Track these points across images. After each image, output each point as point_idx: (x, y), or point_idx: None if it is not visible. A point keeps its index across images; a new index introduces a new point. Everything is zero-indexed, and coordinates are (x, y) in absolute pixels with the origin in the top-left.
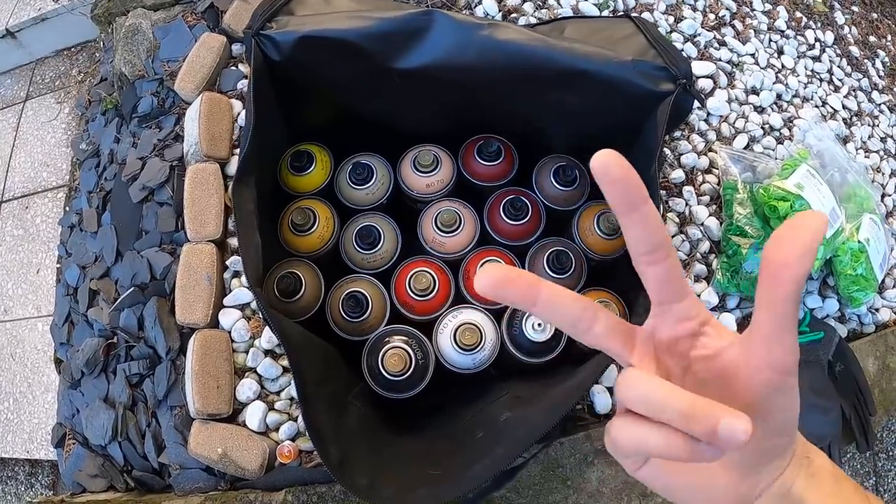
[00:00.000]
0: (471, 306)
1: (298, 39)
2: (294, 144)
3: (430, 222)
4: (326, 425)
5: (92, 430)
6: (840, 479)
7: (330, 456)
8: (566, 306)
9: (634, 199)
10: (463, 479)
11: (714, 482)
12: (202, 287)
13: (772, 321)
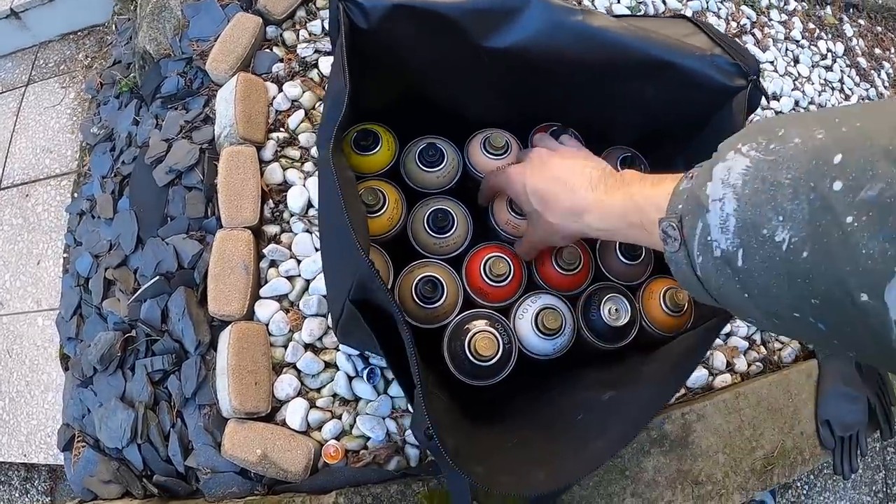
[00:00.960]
0: (546, 292)
1: (391, 8)
2: (356, 123)
3: (505, 205)
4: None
5: (107, 432)
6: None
7: (447, 444)
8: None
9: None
10: (581, 460)
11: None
12: (238, 276)
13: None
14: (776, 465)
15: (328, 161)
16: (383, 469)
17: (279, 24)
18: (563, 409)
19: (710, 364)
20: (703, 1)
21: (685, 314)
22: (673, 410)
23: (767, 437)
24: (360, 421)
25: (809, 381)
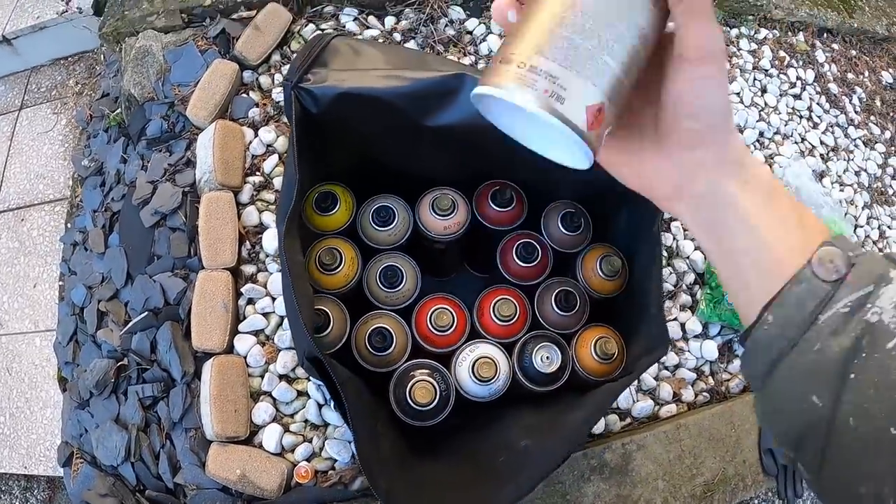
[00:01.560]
0: (485, 341)
1: (338, 95)
2: (317, 184)
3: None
4: (371, 455)
5: (103, 451)
6: (777, 192)
7: (379, 487)
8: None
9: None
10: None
11: (646, 165)
12: (218, 314)
13: (679, 15)
14: (716, 490)
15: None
16: (348, 489)
17: (255, 69)
18: (490, 451)
19: (656, 395)
20: None
21: (614, 361)
22: (613, 441)
23: (708, 466)
24: (328, 445)
25: (754, 411)
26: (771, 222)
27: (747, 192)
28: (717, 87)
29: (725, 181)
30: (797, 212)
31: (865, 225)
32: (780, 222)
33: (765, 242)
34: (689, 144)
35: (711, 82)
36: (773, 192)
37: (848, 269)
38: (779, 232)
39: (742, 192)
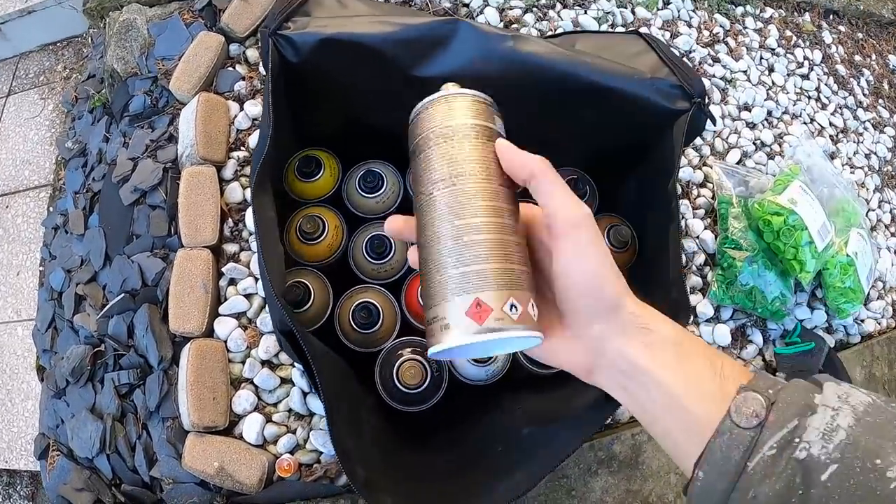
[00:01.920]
0: None
1: (319, 42)
2: (300, 149)
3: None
4: (350, 443)
5: (78, 442)
6: (685, 347)
7: (356, 475)
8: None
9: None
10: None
11: (559, 345)
12: (197, 294)
13: (535, 193)
14: None
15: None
16: (333, 484)
17: (242, 42)
18: (488, 440)
19: None
20: (675, 10)
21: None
22: (622, 431)
23: None
24: (313, 436)
25: None
26: (683, 380)
27: (653, 355)
28: (594, 254)
29: (630, 349)
30: (709, 360)
31: (877, 209)
32: (693, 378)
33: (681, 402)
34: (586, 321)
35: (586, 250)
36: (680, 348)
37: (767, 410)
38: (693, 388)
39: (648, 357)
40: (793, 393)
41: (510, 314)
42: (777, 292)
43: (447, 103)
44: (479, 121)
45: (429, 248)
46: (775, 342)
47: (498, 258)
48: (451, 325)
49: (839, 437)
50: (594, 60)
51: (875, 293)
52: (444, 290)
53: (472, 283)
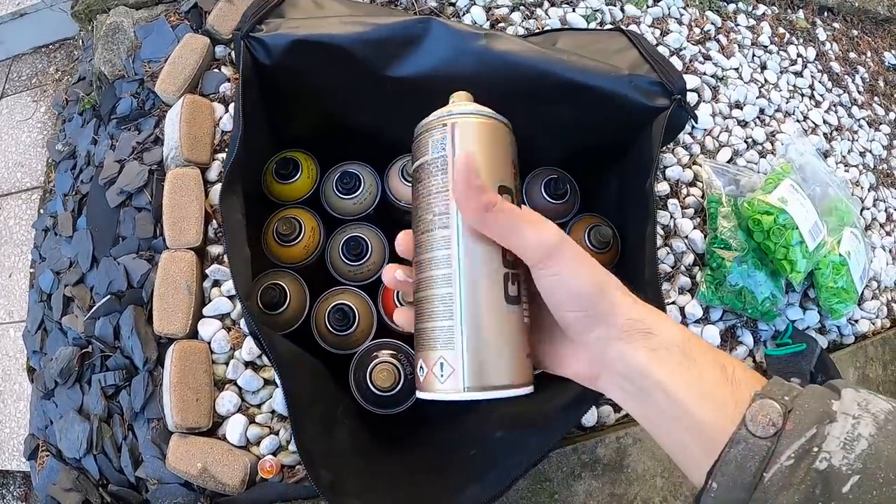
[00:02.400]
0: None
1: (291, 43)
2: (279, 151)
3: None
4: (317, 446)
5: (66, 443)
6: (693, 351)
7: (321, 478)
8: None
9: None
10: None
11: (562, 353)
12: (181, 296)
13: (498, 238)
14: None
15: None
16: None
17: (227, 44)
18: (461, 444)
19: None
20: (665, 7)
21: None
22: (606, 434)
23: None
24: None
25: None
26: (692, 387)
27: (658, 359)
28: (571, 275)
29: (633, 354)
30: (720, 364)
31: (872, 207)
32: (702, 384)
33: (691, 410)
34: (583, 330)
35: (563, 275)
36: (687, 351)
37: (784, 418)
38: (703, 395)
39: (653, 362)
40: (810, 400)
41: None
42: (767, 293)
43: (445, 128)
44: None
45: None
46: (766, 343)
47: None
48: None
49: (861, 447)
50: (570, 58)
51: (869, 293)
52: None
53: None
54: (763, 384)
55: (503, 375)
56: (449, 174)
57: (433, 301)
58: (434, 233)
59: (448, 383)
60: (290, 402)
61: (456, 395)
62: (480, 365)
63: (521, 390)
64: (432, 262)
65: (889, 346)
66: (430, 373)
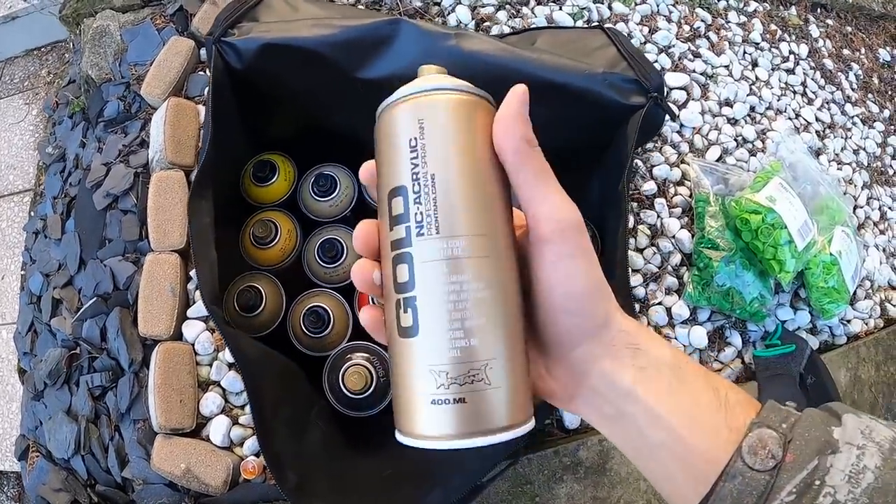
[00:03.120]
0: None
1: (261, 47)
2: (256, 154)
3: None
4: (285, 448)
5: (55, 443)
6: (684, 371)
7: (287, 480)
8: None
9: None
10: None
11: (538, 370)
12: (165, 298)
13: (521, 185)
14: None
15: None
16: None
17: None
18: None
19: None
20: (654, 4)
21: None
22: (589, 437)
23: None
24: None
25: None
26: (682, 411)
27: (646, 379)
28: (582, 267)
29: (620, 372)
30: (712, 387)
31: (865, 206)
32: (694, 408)
33: (680, 435)
34: (570, 340)
35: (575, 261)
36: (678, 372)
37: (784, 449)
38: (695, 420)
39: (640, 381)
40: (809, 427)
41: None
42: (756, 293)
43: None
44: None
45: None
46: (755, 344)
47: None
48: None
49: (867, 481)
50: (542, 56)
51: (862, 293)
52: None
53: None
54: (757, 409)
55: (412, 425)
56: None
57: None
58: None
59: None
60: (255, 404)
61: (397, 435)
62: (397, 409)
63: (426, 442)
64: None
65: (882, 346)
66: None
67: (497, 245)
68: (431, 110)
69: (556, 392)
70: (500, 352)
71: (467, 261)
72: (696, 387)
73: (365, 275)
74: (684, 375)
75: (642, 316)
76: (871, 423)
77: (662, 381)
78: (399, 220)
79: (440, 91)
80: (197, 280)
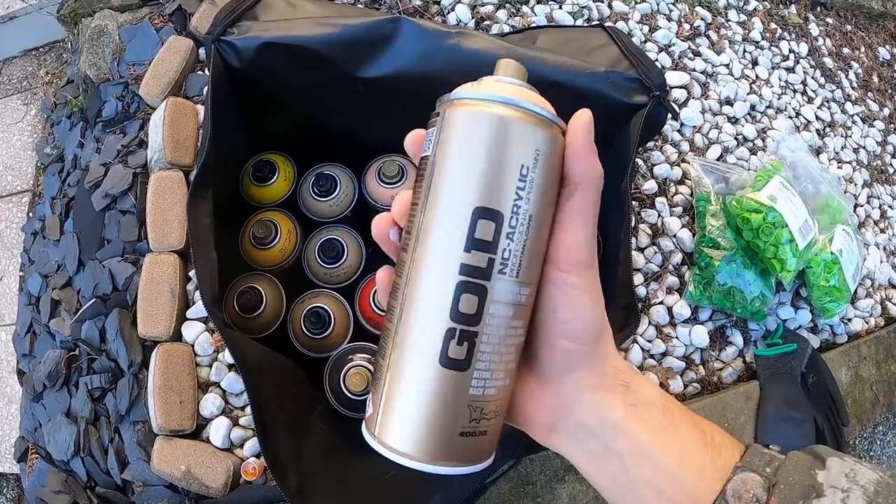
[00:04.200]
0: None
1: (260, 46)
2: (256, 154)
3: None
4: (285, 449)
5: (54, 445)
6: (672, 412)
7: (288, 482)
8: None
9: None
10: None
11: (522, 394)
12: (165, 299)
13: (566, 210)
14: None
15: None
16: None
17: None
18: None
19: None
20: (654, 3)
21: None
22: None
23: None
24: None
25: (749, 403)
26: (671, 448)
27: (637, 416)
28: (590, 299)
29: (610, 405)
30: (699, 428)
31: (866, 204)
32: (682, 447)
33: (668, 473)
34: (565, 366)
35: (584, 294)
36: (668, 412)
37: (769, 493)
38: (683, 459)
39: (631, 417)
40: (793, 472)
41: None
42: (757, 292)
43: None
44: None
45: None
46: (756, 343)
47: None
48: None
49: None
50: (544, 55)
51: (863, 291)
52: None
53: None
54: (741, 451)
55: (408, 444)
56: (429, 181)
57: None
58: (401, 254)
59: (369, 421)
60: (256, 406)
61: (367, 437)
62: (389, 420)
63: (429, 467)
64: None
65: (883, 344)
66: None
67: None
68: (548, 146)
69: (539, 420)
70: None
71: (524, 308)
72: (685, 427)
73: (383, 229)
74: (672, 416)
75: (644, 315)
76: (856, 466)
77: (653, 418)
78: (482, 246)
79: (554, 125)
80: (196, 281)
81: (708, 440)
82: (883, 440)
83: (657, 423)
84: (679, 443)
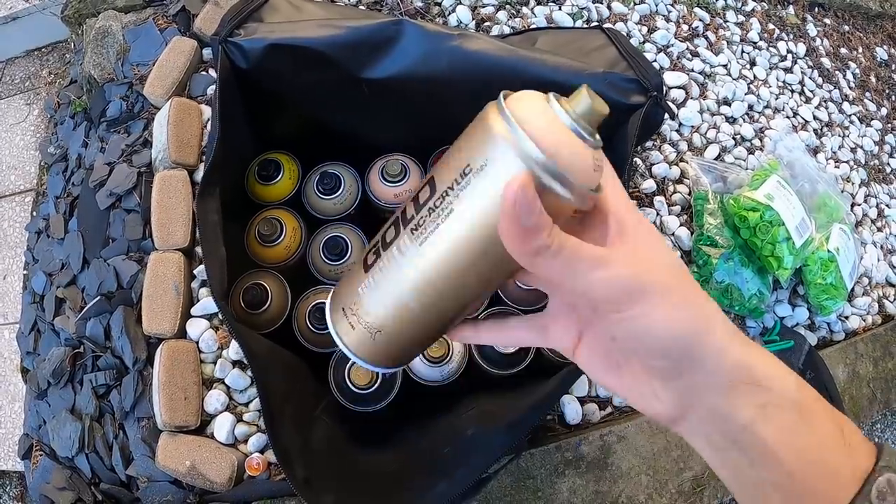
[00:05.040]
0: None
1: (267, 47)
2: (261, 153)
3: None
4: (292, 442)
5: (59, 442)
6: (808, 411)
7: (296, 474)
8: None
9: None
10: (426, 499)
11: (642, 387)
12: (169, 296)
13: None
14: (707, 486)
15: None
16: None
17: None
18: (437, 441)
19: None
20: (653, 4)
21: None
22: (590, 432)
23: (697, 459)
24: None
25: None
26: (804, 451)
27: (767, 418)
28: (658, 321)
29: (736, 409)
30: (837, 426)
31: (863, 203)
32: (818, 448)
33: (797, 476)
34: (666, 377)
35: (642, 321)
36: (804, 409)
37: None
38: (816, 461)
39: (761, 420)
40: None
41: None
42: (754, 289)
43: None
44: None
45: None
46: (754, 340)
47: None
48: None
49: None
50: (544, 56)
51: (860, 289)
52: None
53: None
54: (874, 451)
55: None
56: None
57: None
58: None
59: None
60: (265, 400)
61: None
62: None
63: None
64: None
65: (880, 342)
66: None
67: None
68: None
69: (664, 413)
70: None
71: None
72: (821, 427)
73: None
74: (810, 413)
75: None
76: None
77: (784, 418)
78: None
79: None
80: (207, 277)
81: (846, 440)
82: (881, 437)
83: (790, 425)
84: (814, 446)
